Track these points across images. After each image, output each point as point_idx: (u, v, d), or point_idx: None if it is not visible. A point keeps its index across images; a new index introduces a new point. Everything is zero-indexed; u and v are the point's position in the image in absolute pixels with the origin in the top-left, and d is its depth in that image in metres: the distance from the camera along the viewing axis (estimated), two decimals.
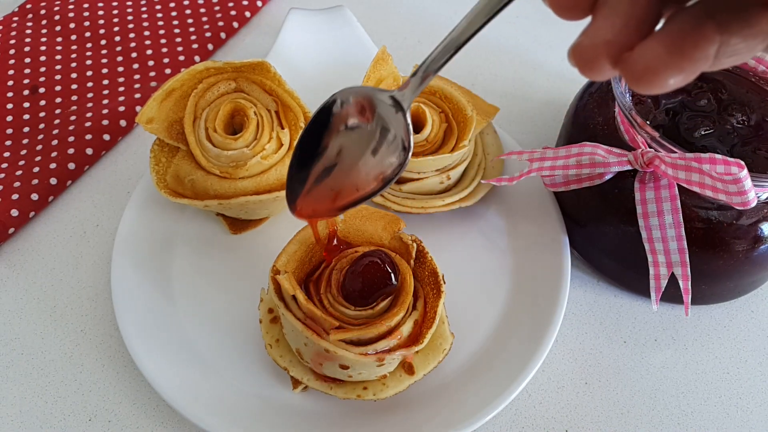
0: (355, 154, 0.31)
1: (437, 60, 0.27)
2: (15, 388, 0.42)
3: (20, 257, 0.48)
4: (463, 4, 0.67)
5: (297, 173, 0.32)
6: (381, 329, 0.34)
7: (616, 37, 0.20)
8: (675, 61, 0.19)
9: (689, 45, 0.19)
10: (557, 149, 0.42)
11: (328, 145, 0.31)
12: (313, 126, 0.31)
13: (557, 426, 0.40)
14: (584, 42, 0.20)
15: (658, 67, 0.19)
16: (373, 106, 0.30)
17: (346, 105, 0.31)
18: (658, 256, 0.39)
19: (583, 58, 0.20)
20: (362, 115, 0.31)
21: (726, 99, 0.42)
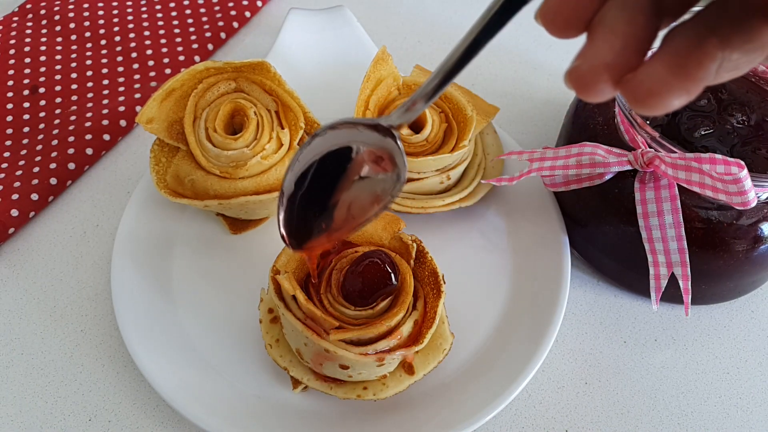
0: (353, 193, 0.30)
1: (426, 87, 0.27)
2: (15, 388, 0.42)
3: (20, 257, 0.48)
4: (463, 4, 0.68)
5: (294, 218, 0.31)
6: (381, 329, 0.34)
7: (616, 59, 0.19)
8: (679, 83, 0.19)
9: (693, 65, 0.18)
10: (557, 149, 0.42)
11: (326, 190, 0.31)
12: (303, 168, 0.30)
13: (557, 426, 0.40)
14: (582, 66, 0.20)
15: (661, 88, 0.19)
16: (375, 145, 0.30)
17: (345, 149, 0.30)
18: (658, 256, 0.39)
19: (582, 82, 0.20)
20: (364, 157, 0.30)
21: (726, 99, 0.42)
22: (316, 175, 0.30)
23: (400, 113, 0.28)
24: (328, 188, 0.31)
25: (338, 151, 0.30)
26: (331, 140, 0.30)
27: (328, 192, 0.31)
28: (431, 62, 0.56)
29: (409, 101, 0.27)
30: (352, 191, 0.30)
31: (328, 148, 0.30)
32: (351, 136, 0.30)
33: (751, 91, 0.42)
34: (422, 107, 0.27)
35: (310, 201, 0.31)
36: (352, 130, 0.30)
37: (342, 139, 0.30)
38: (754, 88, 0.43)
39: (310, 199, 0.31)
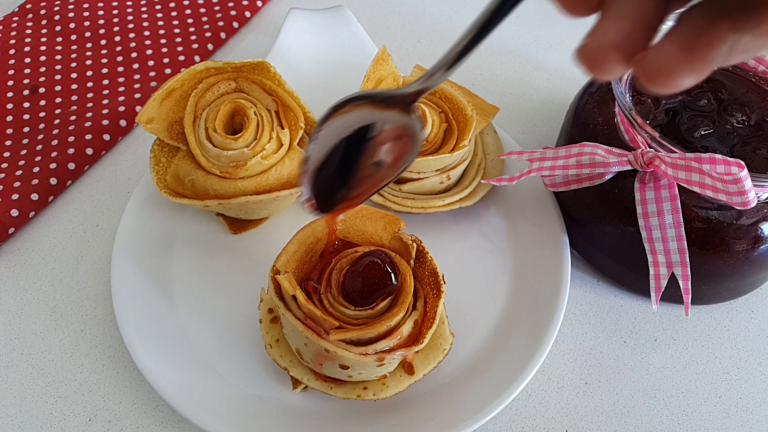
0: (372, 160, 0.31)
1: (447, 55, 0.27)
2: (15, 388, 0.42)
3: (20, 257, 0.48)
4: (463, 4, 0.68)
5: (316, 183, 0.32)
6: (381, 329, 0.34)
7: (624, 41, 0.20)
8: (689, 63, 0.19)
9: (703, 46, 0.19)
10: (557, 149, 0.42)
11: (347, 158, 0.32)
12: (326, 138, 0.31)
13: (557, 426, 0.40)
14: (592, 44, 0.20)
15: (672, 68, 0.19)
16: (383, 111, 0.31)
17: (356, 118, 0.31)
18: (658, 256, 0.39)
19: (592, 59, 0.20)
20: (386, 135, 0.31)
21: (726, 99, 0.42)
22: (338, 144, 0.31)
23: (421, 81, 0.29)
24: (349, 156, 0.32)
25: (358, 123, 0.31)
26: (351, 117, 0.31)
27: (349, 161, 0.32)
28: (431, 62, 0.55)
29: (431, 70, 0.28)
30: (372, 159, 0.31)
31: (349, 121, 0.31)
32: (369, 109, 0.31)
33: (751, 91, 0.42)
34: (442, 77, 0.28)
35: (332, 169, 0.32)
36: (370, 101, 0.31)
37: (362, 113, 0.31)
38: (754, 88, 0.42)
39: (331, 167, 0.32)
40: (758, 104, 0.41)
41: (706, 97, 0.42)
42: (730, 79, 0.43)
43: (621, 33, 0.20)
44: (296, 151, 0.44)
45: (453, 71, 0.27)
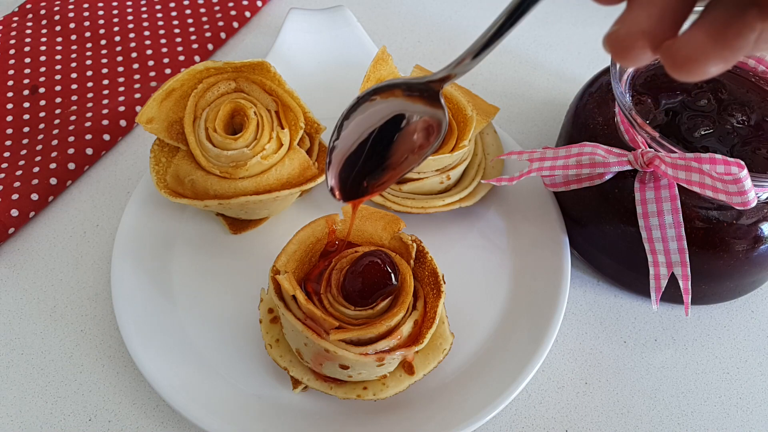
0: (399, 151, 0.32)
1: (475, 44, 0.27)
2: (15, 388, 0.42)
3: (20, 257, 0.48)
4: (464, 4, 0.68)
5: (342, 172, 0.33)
6: (381, 329, 0.34)
7: (653, 28, 0.20)
8: (718, 50, 0.19)
9: (732, 34, 0.19)
10: (557, 149, 0.42)
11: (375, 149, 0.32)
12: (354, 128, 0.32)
13: (557, 426, 0.40)
14: (621, 30, 0.20)
15: (700, 55, 0.19)
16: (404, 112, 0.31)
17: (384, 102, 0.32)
18: (658, 256, 0.39)
19: (620, 46, 0.21)
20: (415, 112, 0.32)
21: (726, 99, 0.42)
22: (364, 134, 0.32)
23: (449, 68, 0.29)
24: (375, 146, 0.32)
25: (385, 114, 0.32)
26: (378, 107, 0.31)
27: (376, 150, 0.32)
28: (431, 62, 0.56)
29: (459, 58, 0.28)
30: (399, 148, 0.32)
31: (376, 112, 0.32)
32: (396, 98, 0.31)
33: (751, 91, 0.42)
34: (469, 65, 0.29)
35: (357, 158, 0.32)
36: (396, 89, 0.31)
37: (388, 104, 0.31)
38: (754, 88, 0.42)
39: (356, 157, 0.32)
40: (758, 104, 0.41)
41: (706, 97, 0.42)
42: (730, 79, 0.43)
43: (650, 20, 0.20)
44: (296, 151, 0.44)
45: (480, 59, 0.28)
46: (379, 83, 0.32)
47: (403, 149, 0.32)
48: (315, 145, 0.46)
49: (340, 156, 0.32)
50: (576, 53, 0.59)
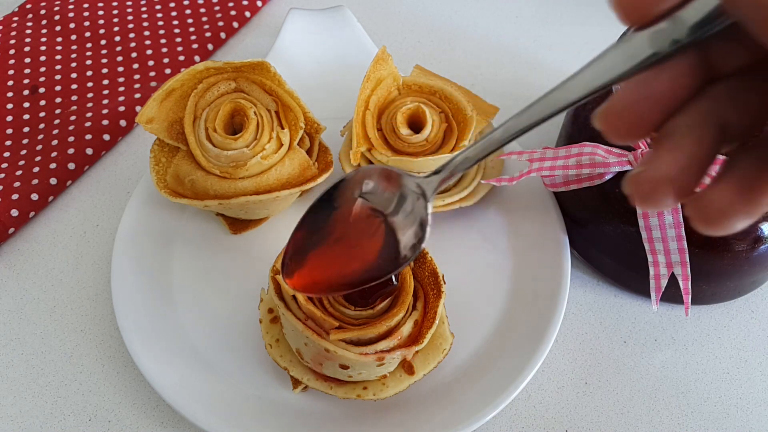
0: (369, 235, 0.31)
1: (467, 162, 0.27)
2: (15, 388, 0.42)
3: (20, 257, 0.48)
4: (464, 4, 0.68)
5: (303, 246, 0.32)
6: (381, 329, 0.34)
7: (678, 175, 0.20)
8: (745, 208, 0.19)
9: (758, 192, 0.19)
10: (557, 149, 0.42)
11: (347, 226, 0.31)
12: (328, 200, 0.32)
13: (557, 426, 0.40)
14: (645, 174, 0.20)
15: (729, 213, 0.19)
16: (399, 190, 0.31)
17: (370, 189, 0.31)
18: (658, 256, 0.39)
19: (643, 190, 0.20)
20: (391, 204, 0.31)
21: None
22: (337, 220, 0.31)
23: (439, 181, 0.29)
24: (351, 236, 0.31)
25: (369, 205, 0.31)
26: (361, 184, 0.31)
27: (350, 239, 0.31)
28: (431, 62, 0.56)
29: (448, 171, 0.28)
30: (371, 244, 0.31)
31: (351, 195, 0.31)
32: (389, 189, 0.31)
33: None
34: (459, 175, 0.28)
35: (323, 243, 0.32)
36: (386, 182, 0.31)
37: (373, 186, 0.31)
38: None
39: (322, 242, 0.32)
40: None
41: None
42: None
43: (676, 167, 0.20)
44: (296, 151, 0.44)
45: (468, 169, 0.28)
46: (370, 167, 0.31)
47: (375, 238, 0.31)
48: (315, 145, 0.46)
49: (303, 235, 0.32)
50: (576, 53, 0.59)
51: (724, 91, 0.20)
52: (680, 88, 0.20)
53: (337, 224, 0.31)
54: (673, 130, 0.20)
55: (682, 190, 0.20)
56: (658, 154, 0.20)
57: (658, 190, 0.20)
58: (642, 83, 0.20)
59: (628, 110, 0.20)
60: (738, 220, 0.19)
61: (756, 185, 0.19)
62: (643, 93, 0.20)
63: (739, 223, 0.19)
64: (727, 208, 0.19)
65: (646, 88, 0.20)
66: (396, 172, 0.31)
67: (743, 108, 0.20)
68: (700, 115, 0.20)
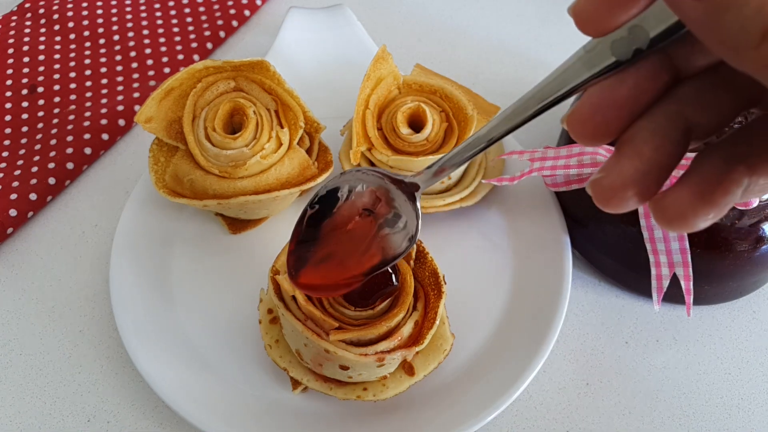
0: (363, 238, 0.32)
1: (455, 157, 0.28)
2: (13, 389, 0.41)
3: (18, 257, 0.48)
4: (464, 3, 0.67)
5: (302, 248, 0.33)
6: (381, 330, 0.34)
7: (637, 181, 0.20)
8: (706, 208, 0.19)
9: (719, 192, 0.19)
10: (558, 149, 0.42)
11: (339, 227, 0.32)
12: (320, 205, 0.33)
13: (558, 427, 0.40)
14: (605, 180, 0.20)
15: (689, 214, 0.19)
16: (386, 193, 0.32)
17: (357, 192, 0.32)
18: (659, 256, 0.39)
19: (604, 194, 0.21)
20: (379, 205, 0.32)
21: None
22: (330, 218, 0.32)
23: (427, 177, 0.30)
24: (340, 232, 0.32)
25: (357, 199, 0.32)
26: (352, 182, 0.32)
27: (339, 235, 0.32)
28: (431, 61, 0.55)
29: (437, 166, 0.29)
30: (364, 238, 0.32)
31: (343, 192, 0.32)
32: (371, 182, 0.32)
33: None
34: (449, 173, 0.29)
35: (318, 240, 0.33)
36: (375, 178, 0.32)
37: (362, 183, 0.32)
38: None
39: (317, 239, 0.33)
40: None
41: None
42: None
43: (636, 173, 0.20)
44: (296, 151, 0.44)
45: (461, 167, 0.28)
46: (356, 169, 0.32)
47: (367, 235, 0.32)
48: (315, 144, 0.46)
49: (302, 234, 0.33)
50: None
51: (690, 92, 0.20)
52: (644, 93, 0.20)
53: (331, 228, 0.32)
54: (634, 136, 0.20)
55: (642, 194, 0.20)
56: (619, 161, 0.20)
57: (618, 195, 0.20)
58: (606, 89, 0.20)
59: (593, 117, 0.20)
60: (698, 220, 0.19)
61: (717, 187, 0.19)
62: (608, 99, 0.20)
63: (699, 224, 0.20)
64: (686, 209, 0.19)
65: (611, 93, 0.20)
66: (382, 172, 0.32)
67: (709, 107, 0.20)
68: (665, 118, 0.20)
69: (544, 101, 0.23)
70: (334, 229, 0.32)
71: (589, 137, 0.21)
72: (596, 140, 0.21)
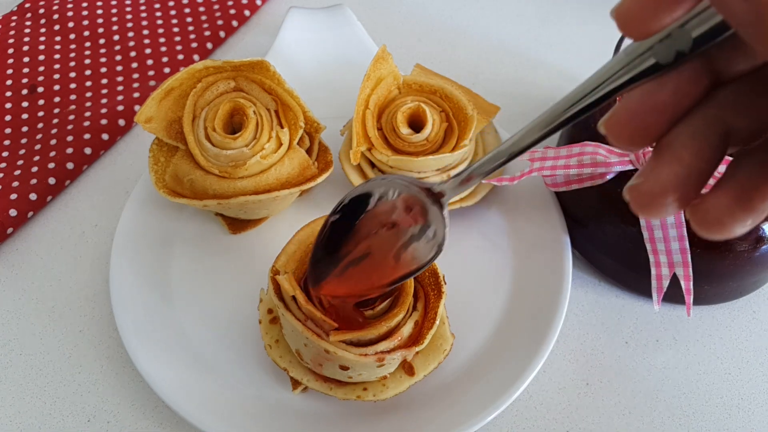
0: (390, 247, 0.32)
1: (484, 165, 0.27)
2: (13, 389, 0.41)
3: (18, 257, 0.48)
4: (464, 3, 0.67)
5: (325, 256, 0.33)
6: (381, 330, 0.34)
7: (677, 188, 0.20)
8: (744, 215, 0.19)
9: (758, 198, 0.19)
10: (558, 149, 0.42)
11: (365, 236, 0.32)
12: (350, 210, 0.32)
13: (558, 427, 0.40)
14: (643, 185, 0.20)
15: (728, 220, 0.19)
16: (420, 206, 0.31)
17: (389, 200, 0.32)
18: (659, 256, 0.39)
19: (642, 201, 0.20)
20: (407, 213, 0.32)
21: None
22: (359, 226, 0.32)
23: (455, 185, 0.29)
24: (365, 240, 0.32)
25: (386, 207, 0.32)
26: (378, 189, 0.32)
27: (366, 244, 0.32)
28: (431, 61, 0.55)
29: (465, 174, 0.28)
30: (391, 248, 0.32)
31: (369, 199, 0.32)
32: (405, 191, 0.31)
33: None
34: (477, 181, 0.28)
35: (342, 248, 0.33)
36: (405, 186, 0.31)
37: (390, 191, 0.32)
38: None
39: (341, 246, 0.33)
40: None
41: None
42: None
43: (675, 179, 0.20)
44: (296, 151, 0.44)
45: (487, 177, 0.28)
46: (384, 176, 0.32)
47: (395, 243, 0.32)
48: (315, 144, 0.46)
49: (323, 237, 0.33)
50: (577, 52, 0.59)
51: (730, 96, 0.20)
52: (684, 98, 0.20)
53: (357, 238, 0.32)
54: (673, 141, 0.20)
55: (681, 201, 0.20)
56: (657, 166, 0.20)
57: (656, 201, 0.20)
58: (646, 94, 0.20)
59: (632, 121, 0.20)
60: (737, 226, 0.19)
61: (755, 192, 0.19)
62: (647, 104, 0.20)
63: (738, 230, 0.19)
64: (725, 215, 0.19)
65: (650, 98, 0.20)
66: (410, 179, 0.32)
67: (749, 112, 0.20)
68: (704, 123, 0.20)
69: (580, 105, 0.22)
70: (362, 239, 0.32)
71: (628, 141, 0.20)
72: (634, 145, 0.20)
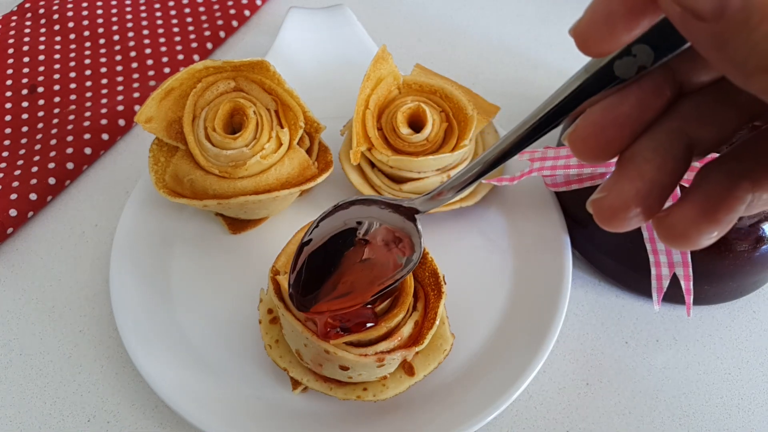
0: (372, 280, 0.33)
1: (454, 182, 0.28)
2: (13, 389, 0.41)
3: (18, 257, 0.48)
4: (463, 3, 0.67)
5: (306, 289, 0.34)
6: (381, 330, 0.34)
7: (641, 200, 0.20)
8: (711, 226, 0.19)
9: (723, 209, 0.19)
10: (558, 149, 0.42)
11: (345, 272, 0.33)
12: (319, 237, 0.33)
13: (558, 427, 0.40)
14: (606, 200, 0.20)
15: (693, 231, 0.19)
16: (396, 233, 0.32)
17: (367, 231, 0.33)
18: (659, 256, 0.39)
19: (605, 214, 0.20)
20: (386, 247, 0.33)
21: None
22: (331, 246, 0.33)
23: (425, 200, 0.30)
24: (339, 259, 0.33)
25: (353, 228, 0.33)
26: (351, 214, 0.33)
27: (340, 262, 0.33)
28: (431, 61, 0.55)
29: (436, 190, 0.29)
30: (363, 266, 0.33)
31: (344, 223, 0.33)
32: (372, 213, 0.32)
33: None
34: (449, 197, 0.29)
35: (322, 268, 0.33)
36: (374, 207, 0.32)
37: (362, 214, 0.32)
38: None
39: (321, 266, 0.33)
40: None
41: None
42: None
43: (637, 194, 0.20)
44: (296, 151, 0.44)
45: (463, 193, 0.29)
46: (354, 197, 0.33)
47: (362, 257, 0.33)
48: (315, 144, 0.46)
49: (301, 261, 0.33)
50: (576, 52, 0.59)
51: (692, 107, 0.20)
52: (647, 110, 0.20)
53: (337, 277, 0.33)
54: (636, 154, 0.20)
55: (644, 214, 0.20)
56: (619, 180, 0.20)
57: (619, 216, 0.20)
58: (608, 107, 0.20)
59: (594, 134, 0.20)
60: (702, 238, 0.19)
61: (721, 204, 0.19)
62: (609, 117, 0.20)
63: (703, 242, 0.19)
64: (690, 228, 0.19)
65: (612, 111, 0.20)
66: (379, 199, 0.33)
67: (711, 123, 0.20)
68: (667, 135, 0.20)
69: (541, 122, 0.22)
70: (343, 275, 0.33)
71: (591, 155, 0.20)
72: (598, 158, 0.21)
